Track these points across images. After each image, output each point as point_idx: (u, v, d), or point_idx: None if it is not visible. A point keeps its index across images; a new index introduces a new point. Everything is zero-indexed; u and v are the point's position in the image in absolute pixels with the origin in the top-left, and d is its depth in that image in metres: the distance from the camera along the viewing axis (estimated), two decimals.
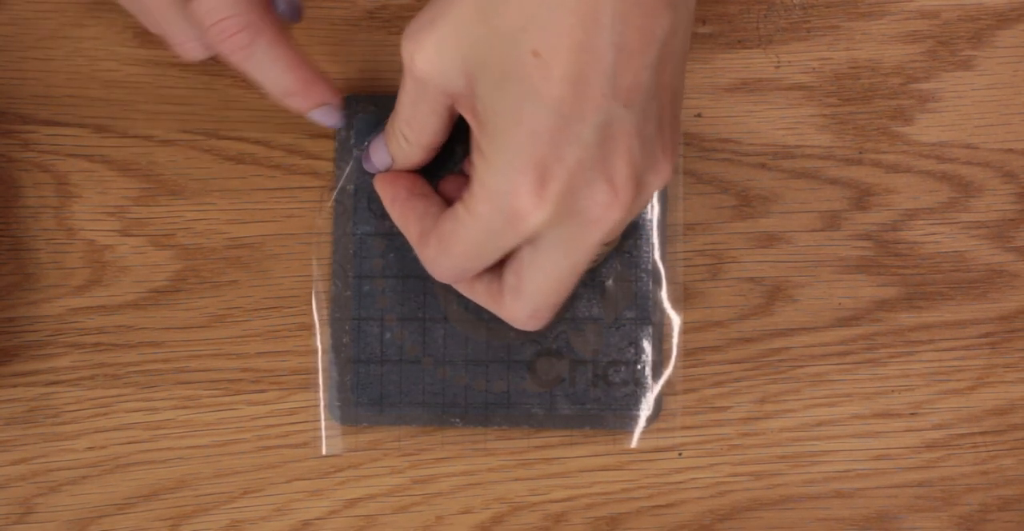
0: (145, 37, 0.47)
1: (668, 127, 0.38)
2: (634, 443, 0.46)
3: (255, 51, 0.40)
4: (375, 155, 0.43)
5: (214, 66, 0.47)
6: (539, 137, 0.35)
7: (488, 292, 0.41)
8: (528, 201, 0.36)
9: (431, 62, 0.37)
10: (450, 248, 0.39)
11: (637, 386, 0.45)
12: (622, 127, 0.36)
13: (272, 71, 0.41)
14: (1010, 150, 0.47)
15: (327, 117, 0.43)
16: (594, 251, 0.38)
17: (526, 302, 0.40)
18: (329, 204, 0.46)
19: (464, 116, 0.38)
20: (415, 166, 0.43)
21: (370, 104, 0.45)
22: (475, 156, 0.37)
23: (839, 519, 0.46)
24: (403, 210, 0.42)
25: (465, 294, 0.42)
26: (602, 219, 0.37)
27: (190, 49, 0.42)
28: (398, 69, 0.47)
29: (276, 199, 0.47)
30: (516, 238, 0.38)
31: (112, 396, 0.46)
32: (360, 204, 0.45)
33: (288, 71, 0.41)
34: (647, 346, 0.45)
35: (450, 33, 0.36)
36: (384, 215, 0.45)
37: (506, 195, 0.36)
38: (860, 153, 0.47)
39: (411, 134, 0.41)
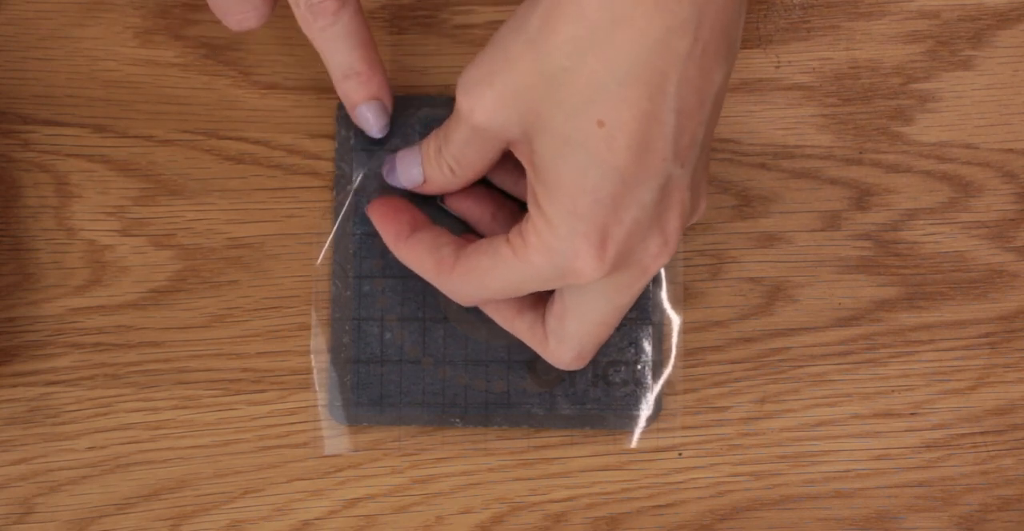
0: (145, 37, 0.47)
1: (706, 168, 0.39)
2: (634, 443, 0.46)
3: (339, 20, 0.41)
4: (406, 172, 0.43)
5: (214, 66, 0.47)
6: (602, 204, 0.36)
7: (532, 334, 0.42)
8: (587, 263, 0.37)
9: (490, 115, 0.37)
10: (484, 281, 0.40)
11: (637, 386, 0.45)
12: (677, 184, 0.37)
13: (345, 45, 0.42)
14: (1010, 150, 0.47)
15: (375, 115, 0.44)
16: (639, 294, 0.40)
17: (571, 346, 0.41)
18: (329, 204, 0.46)
19: (519, 159, 0.39)
20: (450, 192, 0.43)
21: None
22: (532, 209, 0.38)
23: (839, 519, 0.46)
24: (411, 245, 0.42)
25: (503, 326, 0.43)
26: (652, 267, 0.38)
27: (248, 18, 0.42)
28: (398, 69, 0.47)
29: (276, 199, 0.47)
30: (564, 283, 0.39)
31: (112, 396, 0.46)
32: (360, 204, 0.45)
33: (360, 48, 0.42)
34: (647, 346, 0.45)
35: (509, 92, 0.36)
36: None
37: (565, 254, 0.37)
38: (860, 153, 0.47)
39: (459, 169, 0.41)
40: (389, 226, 0.43)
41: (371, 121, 0.44)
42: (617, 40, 0.34)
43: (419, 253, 0.42)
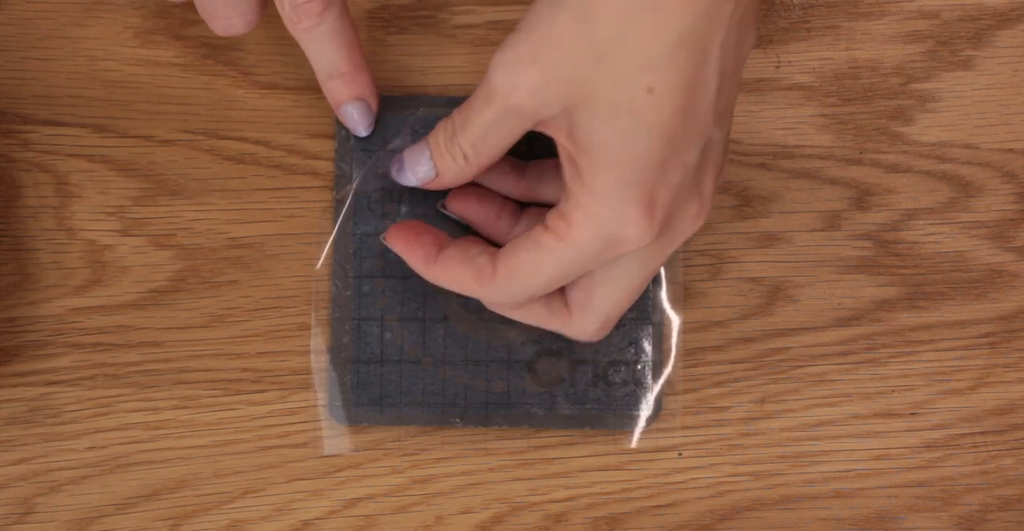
0: (145, 37, 0.47)
1: (730, 132, 0.39)
2: (634, 443, 0.46)
3: (324, 21, 0.41)
4: (416, 168, 0.42)
5: (214, 66, 0.47)
6: (651, 168, 0.36)
7: (549, 311, 0.42)
8: (636, 229, 0.37)
9: (532, 94, 0.37)
10: (530, 278, 0.39)
11: (637, 386, 0.45)
12: (715, 146, 0.38)
13: (330, 46, 0.42)
14: (1010, 150, 0.47)
15: (359, 115, 0.44)
16: (666, 258, 0.40)
17: (597, 316, 0.41)
18: (329, 204, 0.46)
19: (554, 137, 0.38)
20: (462, 183, 0.42)
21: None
22: (574, 185, 0.38)
23: (839, 519, 0.46)
24: (443, 263, 0.41)
25: (518, 318, 0.43)
26: (688, 231, 0.39)
27: (233, 24, 0.42)
28: (398, 69, 0.47)
29: (276, 199, 0.47)
30: (608, 260, 0.39)
31: (112, 396, 0.46)
32: (360, 204, 0.45)
33: (344, 48, 0.42)
34: (647, 346, 0.45)
35: (554, 68, 0.36)
36: (384, 215, 0.45)
37: (614, 223, 0.37)
38: (860, 153, 0.47)
39: (474, 155, 0.40)
40: (415, 249, 0.42)
41: (356, 119, 0.44)
42: (665, 7, 0.35)
43: (453, 269, 0.41)
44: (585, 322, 0.41)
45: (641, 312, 0.45)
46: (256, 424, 0.46)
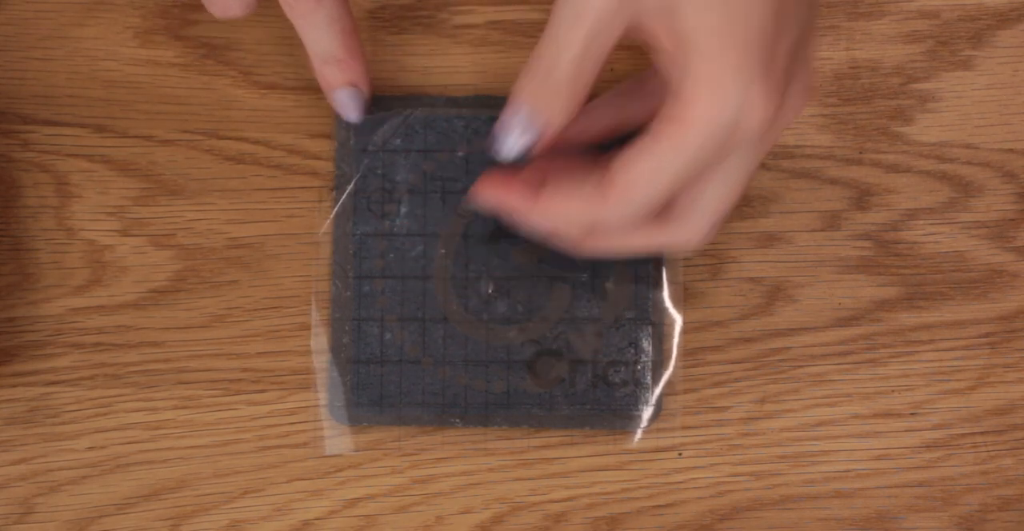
0: (145, 37, 0.47)
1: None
2: (634, 443, 0.46)
3: (321, 7, 0.41)
4: (517, 132, 0.39)
5: (214, 66, 0.47)
6: (766, 43, 0.36)
7: (644, 231, 0.40)
8: (761, 106, 0.36)
9: None
10: (652, 187, 0.37)
11: (637, 386, 0.45)
12: (815, 14, 0.38)
13: (327, 33, 0.42)
14: (1010, 150, 0.47)
15: (351, 101, 0.44)
16: (769, 148, 0.39)
17: (704, 218, 0.40)
18: (329, 204, 0.46)
19: (647, 40, 0.37)
20: (567, 123, 0.39)
21: (371, 104, 0.45)
22: (684, 81, 0.36)
23: (839, 519, 0.46)
24: (549, 197, 0.39)
25: (614, 251, 0.41)
26: (799, 107, 0.38)
27: (231, 6, 0.42)
28: (398, 69, 0.47)
29: (276, 199, 0.47)
30: (731, 151, 0.37)
31: (112, 396, 0.46)
32: (360, 204, 0.45)
33: (340, 35, 0.42)
34: (647, 346, 0.45)
35: None
36: (384, 215, 0.45)
37: (738, 106, 0.36)
38: (860, 153, 0.47)
39: (576, 88, 0.38)
40: (513, 191, 0.40)
41: (347, 104, 0.44)
42: None
43: (562, 200, 0.39)
44: (688, 229, 0.40)
45: (641, 312, 0.45)
46: (256, 424, 0.46)
